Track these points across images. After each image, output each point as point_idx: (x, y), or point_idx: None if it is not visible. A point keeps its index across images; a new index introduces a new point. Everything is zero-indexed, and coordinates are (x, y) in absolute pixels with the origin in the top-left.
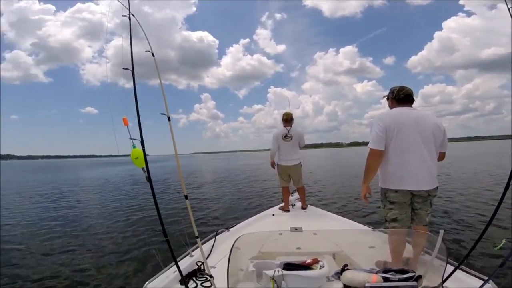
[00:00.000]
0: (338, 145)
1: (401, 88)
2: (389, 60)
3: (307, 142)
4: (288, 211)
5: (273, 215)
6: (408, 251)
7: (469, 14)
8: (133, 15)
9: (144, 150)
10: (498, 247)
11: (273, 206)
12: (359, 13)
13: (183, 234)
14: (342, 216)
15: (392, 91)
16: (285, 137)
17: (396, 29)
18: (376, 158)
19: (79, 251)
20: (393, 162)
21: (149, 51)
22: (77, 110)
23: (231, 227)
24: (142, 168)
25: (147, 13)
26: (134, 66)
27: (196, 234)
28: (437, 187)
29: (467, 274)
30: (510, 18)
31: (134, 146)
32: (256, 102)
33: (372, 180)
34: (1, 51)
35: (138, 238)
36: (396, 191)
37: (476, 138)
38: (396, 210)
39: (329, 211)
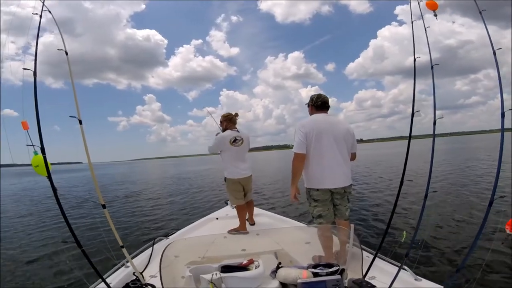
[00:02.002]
0: (286, 146)
1: (319, 96)
2: (330, 66)
3: (259, 145)
4: (247, 232)
5: (217, 219)
6: (338, 244)
7: (400, 23)
8: (49, 12)
9: (45, 158)
10: (402, 239)
11: (217, 210)
12: (307, 20)
13: (111, 245)
14: (281, 214)
15: (311, 99)
16: (235, 141)
17: (339, 37)
18: (300, 160)
19: None
20: (313, 163)
21: (62, 49)
22: None
23: (170, 235)
24: (47, 177)
25: (87, 9)
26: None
27: (121, 243)
28: (351, 184)
29: (386, 262)
30: (424, 28)
31: (35, 153)
32: (208, 104)
33: (299, 181)
34: None
35: (56, 256)
36: (317, 189)
37: (401, 137)
38: (320, 207)
39: (268, 210)
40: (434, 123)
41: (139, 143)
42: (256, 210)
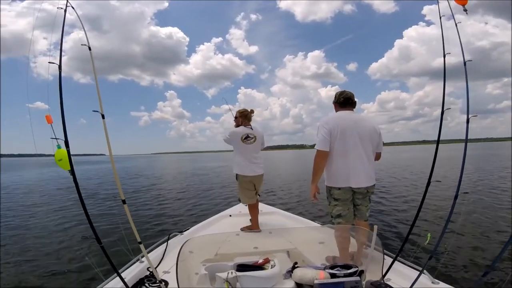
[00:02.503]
0: (302, 146)
1: (342, 92)
2: (352, 66)
3: (273, 144)
4: (259, 230)
5: (230, 215)
6: (354, 246)
7: (428, 23)
8: (73, 8)
9: (69, 151)
10: (426, 242)
11: (230, 207)
12: (329, 19)
13: (128, 240)
14: (295, 213)
15: (335, 96)
16: (247, 138)
17: (362, 36)
18: (322, 158)
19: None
20: (336, 161)
21: (85, 45)
22: (24, 105)
23: (185, 231)
24: (69, 171)
25: (114, 7)
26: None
27: (139, 239)
28: (374, 184)
29: (404, 266)
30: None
31: (59, 147)
32: (226, 102)
33: (319, 179)
34: None
35: (74, 250)
36: (339, 188)
37: (424, 142)
38: (340, 206)
39: (282, 209)
40: (468, 121)
41: (159, 138)
42: (269, 208)
